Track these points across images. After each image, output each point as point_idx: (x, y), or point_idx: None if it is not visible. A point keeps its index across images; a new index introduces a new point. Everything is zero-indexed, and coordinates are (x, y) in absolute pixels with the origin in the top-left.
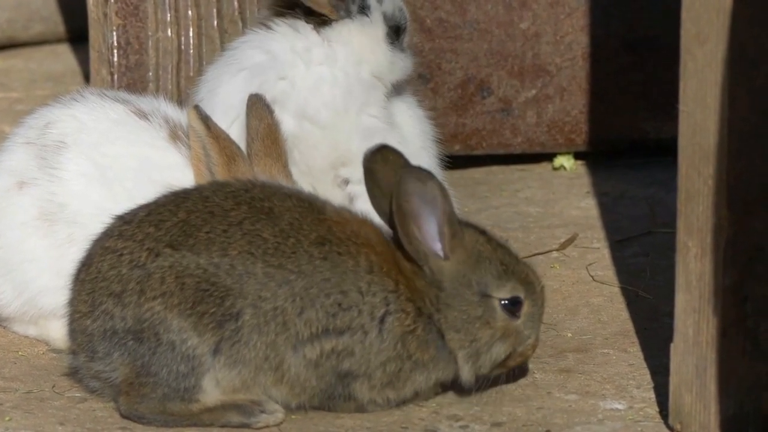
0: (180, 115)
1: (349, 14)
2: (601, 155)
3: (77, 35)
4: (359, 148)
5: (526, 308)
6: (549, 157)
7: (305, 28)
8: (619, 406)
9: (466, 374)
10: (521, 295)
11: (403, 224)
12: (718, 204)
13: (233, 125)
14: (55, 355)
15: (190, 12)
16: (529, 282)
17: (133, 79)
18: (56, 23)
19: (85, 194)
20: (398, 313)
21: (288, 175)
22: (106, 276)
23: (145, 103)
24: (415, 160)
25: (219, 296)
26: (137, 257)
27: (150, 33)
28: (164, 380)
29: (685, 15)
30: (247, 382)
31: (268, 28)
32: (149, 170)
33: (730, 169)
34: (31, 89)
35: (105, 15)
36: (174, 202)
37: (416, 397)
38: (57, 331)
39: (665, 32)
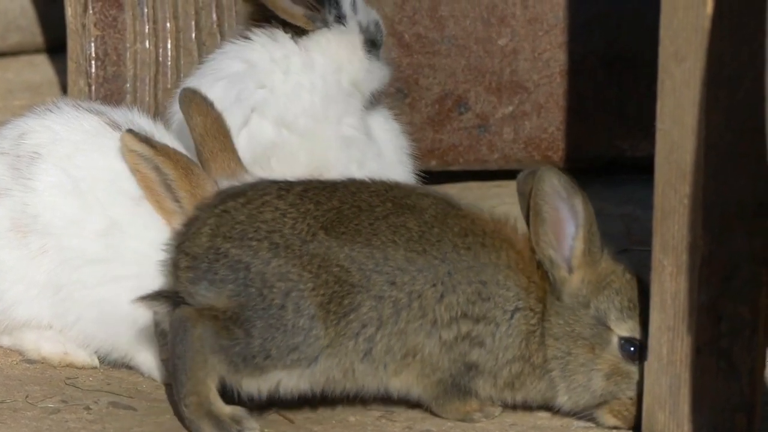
0: (153, 127)
1: (326, 24)
2: (578, 172)
3: (55, 46)
4: (337, 157)
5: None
6: None
7: (283, 37)
8: (592, 424)
9: (561, 395)
10: (640, 339)
11: (535, 224)
12: (694, 222)
13: None
14: (28, 365)
15: (168, 24)
16: None
17: (110, 91)
18: (34, 33)
19: (58, 205)
20: (526, 311)
21: (242, 166)
22: (269, 223)
23: (119, 114)
24: (390, 173)
25: (341, 295)
26: (300, 228)
27: (128, 44)
28: (247, 344)
29: (663, 33)
30: (348, 371)
31: (246, 38)
32: (123, 182)
33: (707, 188)
34: (8, 99)
35: (83, 26)
36: (326, 189)
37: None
38: (31, 342)
39: (643, 50)
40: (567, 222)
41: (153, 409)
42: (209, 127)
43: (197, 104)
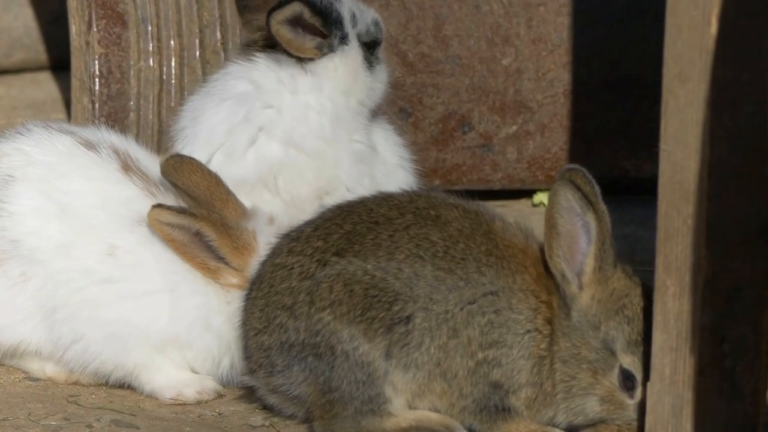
0: (126, 144)
1: (331, 49)
2: None
3: (59, 63)
4: (348, 173)
5: (640, 395)
6: (529, 193)
7: (288, 60)
8: None
9: (560, 415)
10: (638, 377)
11: (550, 237)
12: (698, 243)
13: (216, 154)
14: (30, 382)
15: (172, 42)
16: None
17: (114, 108)
18: (38, 51)
19: (43, 229)
20: (535, 333)
21: (244, 206)
22: (278, 290)
23: (91, 133)
24: (393, 179)
25: (387, 301)
26: (307, 269)
27: (132, 62)
28: (348, 393)
29: (667, 54)
30: (422, 387)
31: (250, 60)
32: (112, 204)
33: (710, 209)
34: (12, 117)
35: (87, 43)
36: (340, 215)
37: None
38: (36, 361)
39: (647, 71)
40: (580, 237)
41: (155, 427)
42: (209, 180)
43: (188, 164)
